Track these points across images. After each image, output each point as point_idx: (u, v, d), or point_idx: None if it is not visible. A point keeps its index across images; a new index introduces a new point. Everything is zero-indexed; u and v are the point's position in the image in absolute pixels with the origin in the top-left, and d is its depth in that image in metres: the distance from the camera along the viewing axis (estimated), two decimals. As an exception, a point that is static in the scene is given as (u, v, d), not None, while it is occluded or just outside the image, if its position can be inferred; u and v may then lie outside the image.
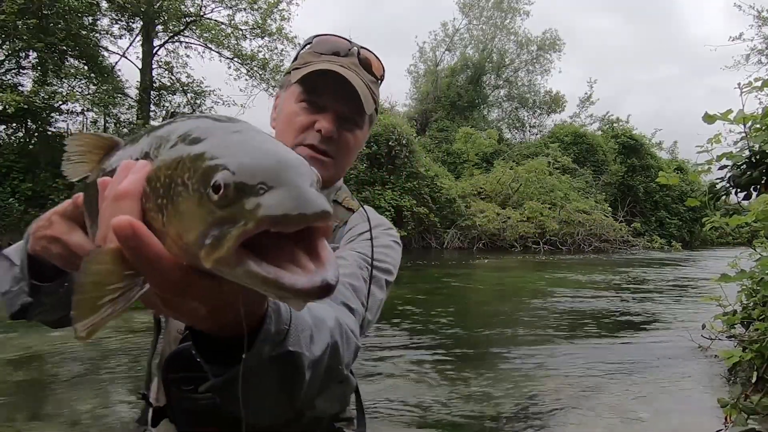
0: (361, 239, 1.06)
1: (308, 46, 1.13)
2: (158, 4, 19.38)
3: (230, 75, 24.12)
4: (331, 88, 1.04)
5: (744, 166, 2.71)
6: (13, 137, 19.41)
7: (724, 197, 2.97)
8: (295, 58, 1.15)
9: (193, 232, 0.42)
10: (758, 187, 2.68)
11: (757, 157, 2.63)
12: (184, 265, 0.44)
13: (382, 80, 1.16)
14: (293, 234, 0.41)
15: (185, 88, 21.53)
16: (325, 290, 0.41)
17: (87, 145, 0.63)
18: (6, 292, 0.89)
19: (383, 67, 1.15)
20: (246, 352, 0.53)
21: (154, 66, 21.23)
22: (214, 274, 0.43)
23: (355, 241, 1.06)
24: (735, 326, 4.41)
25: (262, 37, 22.02)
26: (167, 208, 0.44)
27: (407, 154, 21.40)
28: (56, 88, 18.30)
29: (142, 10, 19.34)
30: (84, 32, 18.84)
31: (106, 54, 20.61)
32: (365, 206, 1.17)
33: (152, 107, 21.62)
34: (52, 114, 19.30)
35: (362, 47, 1.12)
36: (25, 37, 16.43)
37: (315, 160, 1.05)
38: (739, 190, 2.77)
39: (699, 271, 14.26)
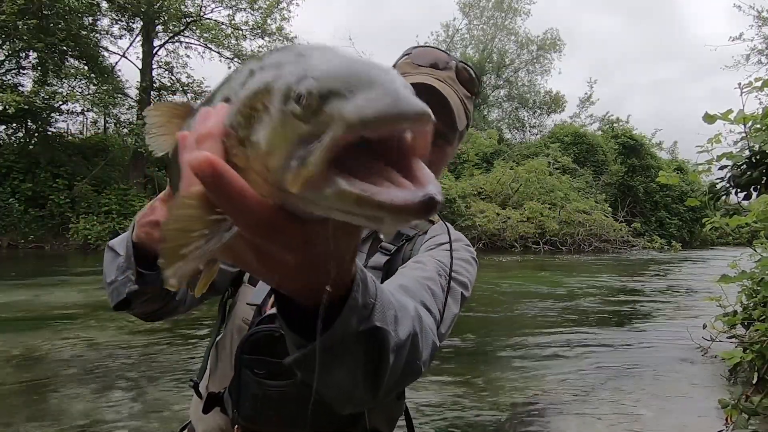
0: (441, 249, 1.03)
1: (406, 56, 1.12)
2: (158, 4, 19.37)
3: (230, 75, 24.10)
4: (425, 102, 1.02)
5: (744, 166, 2.71)
6: (13, 137, 19.43)
7: (724, 197, 2.97)
8: (393, 67, 1.16)
9: (277, 156, 0.37)
10: (758, 187, 2.68)
11: (757, 157, 2.63)
12: (272, 204, 0.41)
13: (477, 96, 1.15)
14: (384, 157, 0.37)
15: (185, 88, 21.51)
16: (428, 206, 0.35)
17: (165, 114, 0.59)
18: (112, 281, 0.91)
19: (479, 82, 1.13)
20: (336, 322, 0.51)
21: (154, 66, 21.24)
22: (303, 217, 0.41)
23: (435, 249, 1.04)
24: (735, 327, 4.40)
25: (262, 37, 22.03)
26: (249, 140, 0.40)
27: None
28: (56, 88, 18.32)
29: (142, 10, 19.35)
30: (84, 32, 18.85)
31: (106, 54, 20.65)
32: (446, 222, 1.16)
33: (152, 107, 21.63)
34: (52, 114, 19.32)
35: (461, 61, 1.10)
36: (25, 38, 16.45)
37: None
38: (739, 190, 2.77)
39: (699, 272, 14.25)
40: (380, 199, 0.34)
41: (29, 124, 19.38)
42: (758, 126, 2.78)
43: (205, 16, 21.28)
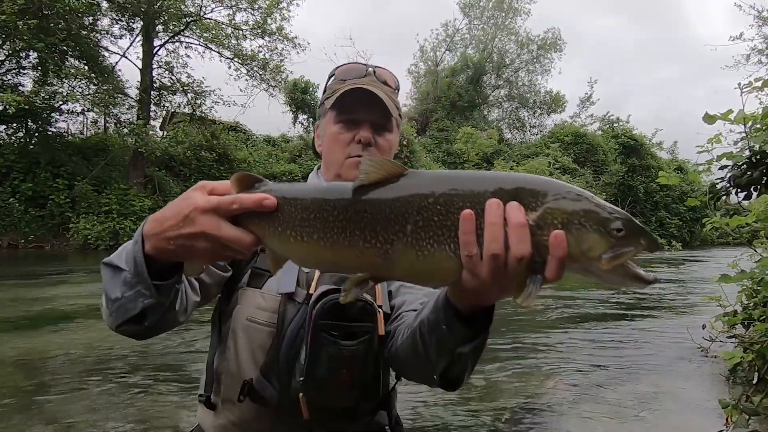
0: None
1: (333, 77, 1.35)
2: (158, 4, 19.36)
3: (230, 75, 24.06)
4: (359, 103, 1.26)
5: (744, 166, 2.70)
6: (13, 137, 19.42)
7: (724, 197, 2.97)
8: (324, 91, 1.37)
9: (596, 251, 0.69)
10: (758, 187, 2.68)
11: (758, 157, 2.62)
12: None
13: (398, 89, 1.38)
14: None
15: (185, 88, 21.50)
16: (656, 282, 0.71)
17: (378, 168, 0.77)
18: (118, 298, 0.90)
19: (397, 79, 1.38)
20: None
21: (154, 66, 21.22)
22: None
23: None
24: (735, 327, 4.40)
25: (263, 37, 22.03)
26: (568, 235, 0.69)
27: (408, 154, 21.41)
28: (56, 88, 18.32)
29: (143, 10, 19.35)
30: (84, 32, 18.86)
31: (106, 54, 20.65)
32: None
33: (152, 107, 21.61)
34: (53, 114, 19.32)
35: (377, 66, 1.34)
36: (25, 38, 16.44)
37: None
38: (739, 190, 2.77)
39: (699, 272, 14.25)
40: (644, 277, 0.69)
41: (29, 124, 19.38)
42: (758, 126, 2.78)
43: (205, 16, 21.28)
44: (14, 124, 19.18)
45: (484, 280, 0.72)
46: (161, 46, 21.42)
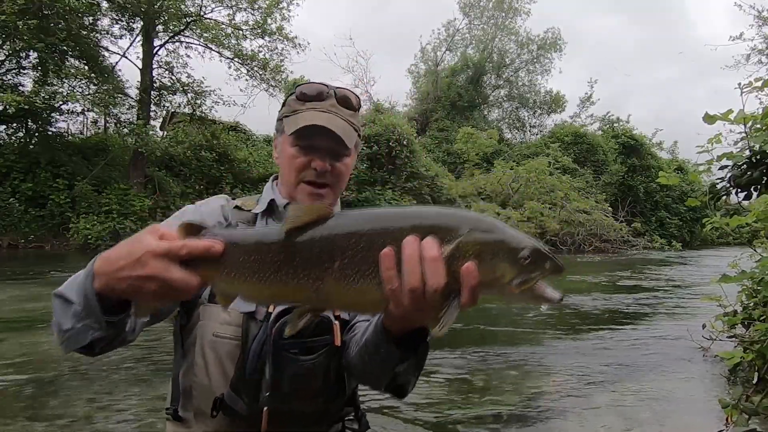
0: None
1: (292, 94, 1.35)
2: (158, 4, 19.34)
3: (230, 75, 23.94)
4: (319, 139, 1.28)
5: (744, 166, 2.70)
6: (13, 137, 19.39)
7: (724, 197, 2.97)
8: (284, 104, 1.37)
9: (508, 276, 0.76)
10: (758, 187, 2.68)
11: (758, 157, 2.62)
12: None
13: (359, 108, 1.40)
14: None
15: (185, 88, 21.45)
16: (562, 301, 0.79)
17: (306, 213, 0.83)
18: (68, 329, 0.92)
19: (359, 99, 1.40)
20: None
21: (154, 66, 21.17)
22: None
23: None
24: (735, 327, 4.40)
25: (263, 37, 22.00)
26: (479, 264, 0.75)
27: (408, 154, 21.38)
28: (56, 88, 18.26)
29: (143, 10, 19.32)
30: (84, 32, 18.81)
31: (106, 54, 20.56)
32: None
33: (152, 107, 21.58)
34: (53, 114, 19.28)
35: (338, 88, 1.35)
36: (25, 38, 16.41)
37: (315, 195, 1.29)
38: (739, 190, 2.77)
39: (699, 271, 14.25)
40: (553, 298, 0.77)
41: (29, 124, 19.34)
42: (758, 126, 2.78)
43: (205, 16, 21.24)
44: (14, 124, 19.14)
45: (407, 309, 0.77)
46: (161, 46, 21.37)
